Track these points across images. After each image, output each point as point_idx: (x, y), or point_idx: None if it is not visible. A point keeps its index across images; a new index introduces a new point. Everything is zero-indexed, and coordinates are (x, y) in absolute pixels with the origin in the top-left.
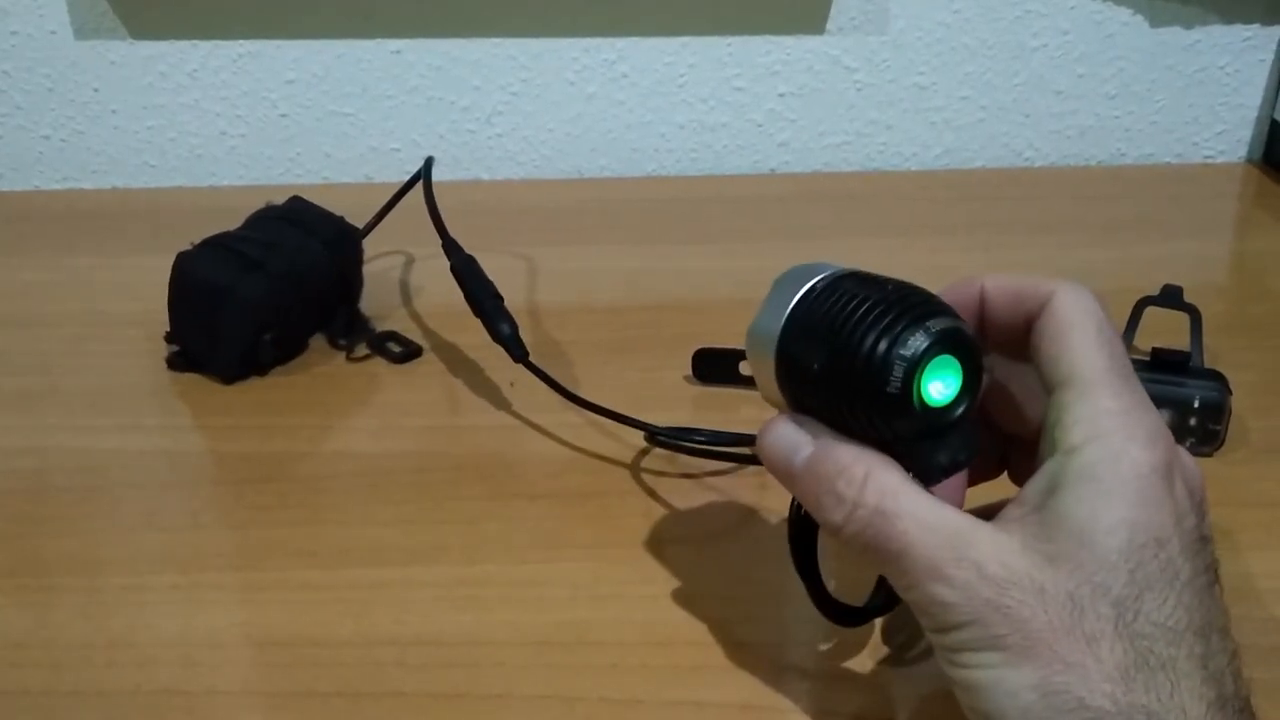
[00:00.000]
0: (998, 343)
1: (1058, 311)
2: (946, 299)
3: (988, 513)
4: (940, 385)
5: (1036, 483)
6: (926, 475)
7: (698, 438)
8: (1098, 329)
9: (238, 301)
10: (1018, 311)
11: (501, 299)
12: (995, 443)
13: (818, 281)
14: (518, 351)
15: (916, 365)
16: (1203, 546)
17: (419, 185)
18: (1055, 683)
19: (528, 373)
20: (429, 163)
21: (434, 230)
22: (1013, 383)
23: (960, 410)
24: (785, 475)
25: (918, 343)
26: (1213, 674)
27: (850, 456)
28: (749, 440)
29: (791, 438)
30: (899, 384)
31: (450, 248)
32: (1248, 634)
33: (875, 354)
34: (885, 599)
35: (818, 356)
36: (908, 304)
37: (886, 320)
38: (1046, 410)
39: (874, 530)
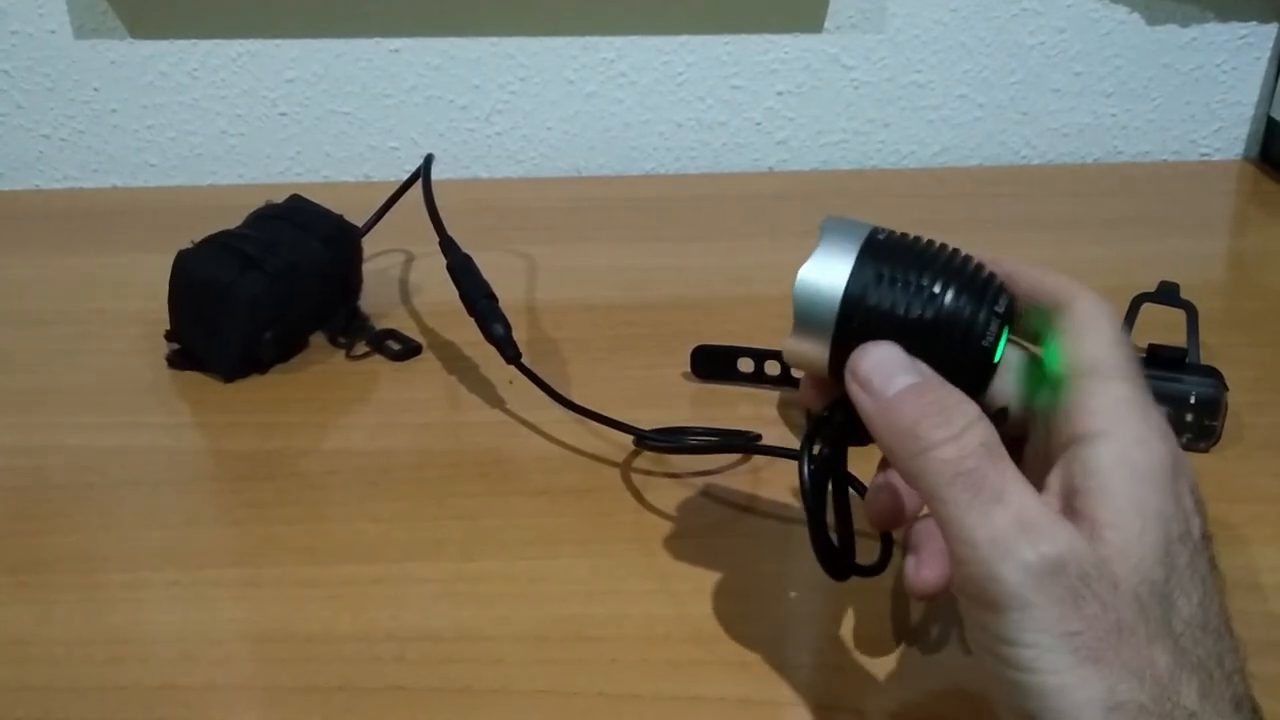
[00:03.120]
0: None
1: (1081, 311)
2: None
3: None
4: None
5: (1059, 473)
6: None
7: (687, 438)
8: (1116, 332)
9: (237, 299)
10: (1036, 308)
11: (496, 299)
12: None
13: (875, 231)
14: (510, 352)
15: (1005, 324)
16: (1207, 545)
17: (418, 183)
18: (1122, 690)
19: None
20: (428, 160)
21: (433, 228)
22: None
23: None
24: (879, 394)
25: (1006, 301)
26: (1227, 673)
27: (960, 396)
28: (740, 438)
29: (902, 362)
30: (992, 339)
31: (447, 246)
32: (1247, 629)
33: (974, 308)
34: (881, 561)
35: (902, 303)
36: (976, 266)
37: (980, 277)
38: (1062, 400)
39: (976, 463)
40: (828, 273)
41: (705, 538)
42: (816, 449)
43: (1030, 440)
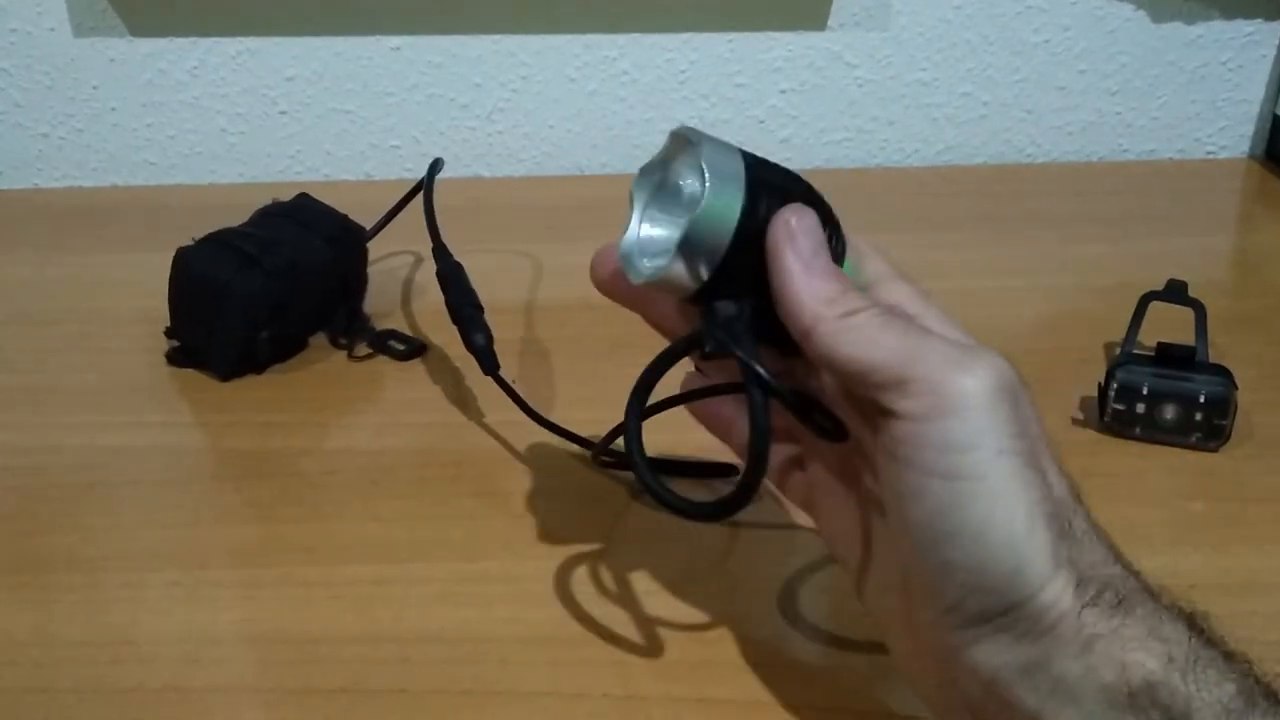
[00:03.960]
0: None
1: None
2: None
3: None
4: None
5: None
6: None
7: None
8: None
9: (233, 298)
10: None
11: (481, 309)
12: None
13: (746, 156)
14: (488, 364)
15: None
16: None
17: (412, 186)
18: (1042, 498)
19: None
20: (435, 165)
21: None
22: None
23: None
24: (806, 259)
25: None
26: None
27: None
28: (693, 468)
29: (822, 235)
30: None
31: (439, 253)
32: (1256, 629)
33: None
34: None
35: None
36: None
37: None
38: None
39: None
40: (721, 195)
41: (712, 539)
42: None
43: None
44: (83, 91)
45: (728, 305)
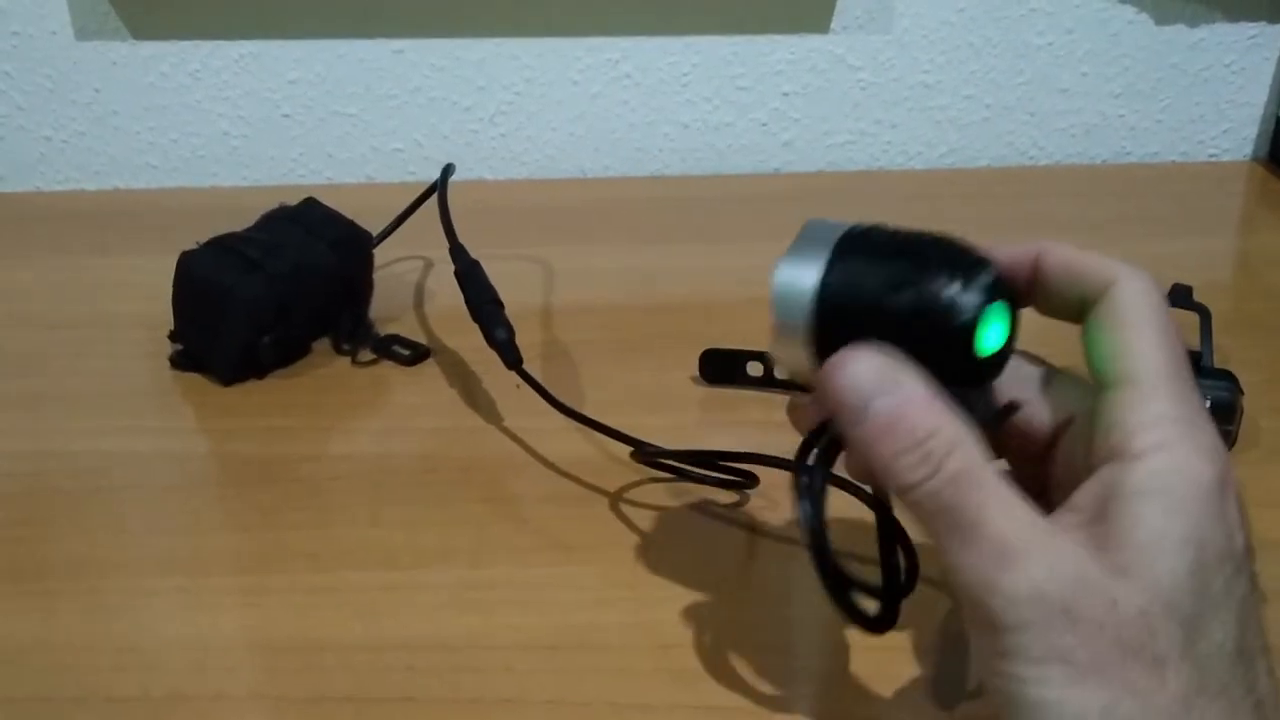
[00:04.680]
0: (1049, 314)
1: (1119, 303)
2: (1001, 256)
3: None
4: (993, 334)
5: (1090, 489)
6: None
7: (686, 459)
8: (1162, 326)
9: (235, 302)
10: (1072, 290)
11: (501, 305)
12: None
13: (854, 227)
14: (511, 357)
15: (991, 299)
16: (1248, 563)
17: (423, 190)
18: (1122, 709)
19: (532, 374)
20: (447, 170)
21: (444, 234)
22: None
23: (1001, 362)
24: (855, 423)
25: (988, 276)
26: (1258, 699)
27: (945, 416)
28: (741, 460)
29: (875, 376)
30: (969, 316)
31: (456, 252)
32: (1271, 636)
33: (943, 285)
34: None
35: (873, 294)
36: (960, 248)
37: (955, 254)
38: (1098, 409)
39: (951, 493)
40: (801, 269)
41: (717, 545)
42: (810, 478)
43: (1063, 444)
44: (85, 95)
45: (813, 456)
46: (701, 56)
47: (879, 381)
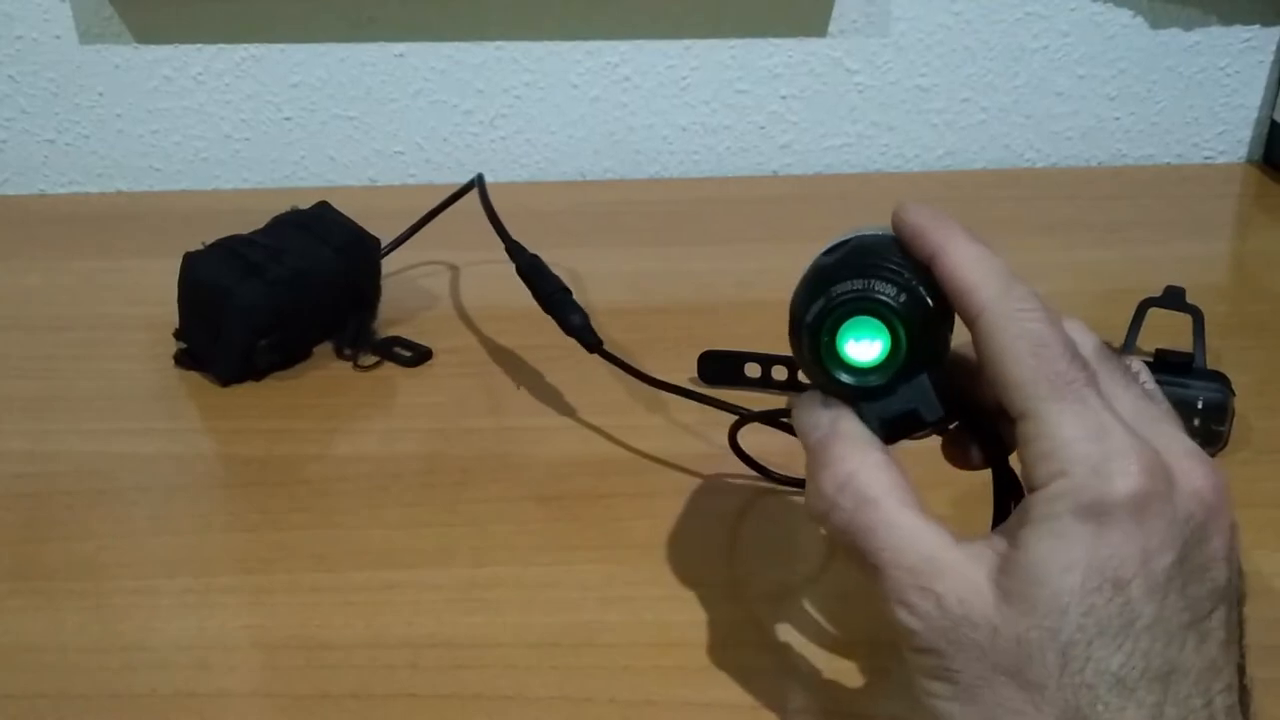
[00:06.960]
0: None
1: (986, 340)
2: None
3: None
4: (861, 346)
5: (1015, 515)
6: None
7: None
8: (1032, 349)
9: (234, 305)
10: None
11: (569, 291)
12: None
13: (849, 238)
14: (591, 339)
15: (821, 325)
16: (1185, 582)
17: (446, 198)
18: None
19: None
20: (479, 179)
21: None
22: None
23: (889, 373)
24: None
25: (822, 304)
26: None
27: (844, 452)
28: None
29: (809, 417)
30: (811, 328)
31: (515, 250)
32: (1252, 634)
33: (806, 314)
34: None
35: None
36: (852, 267)
37: (817, 283)
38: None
39: (850, 537)
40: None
41: (718, 544)
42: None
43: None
44: (88, 98)
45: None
46: (700, 60)
47: (806, 417)
